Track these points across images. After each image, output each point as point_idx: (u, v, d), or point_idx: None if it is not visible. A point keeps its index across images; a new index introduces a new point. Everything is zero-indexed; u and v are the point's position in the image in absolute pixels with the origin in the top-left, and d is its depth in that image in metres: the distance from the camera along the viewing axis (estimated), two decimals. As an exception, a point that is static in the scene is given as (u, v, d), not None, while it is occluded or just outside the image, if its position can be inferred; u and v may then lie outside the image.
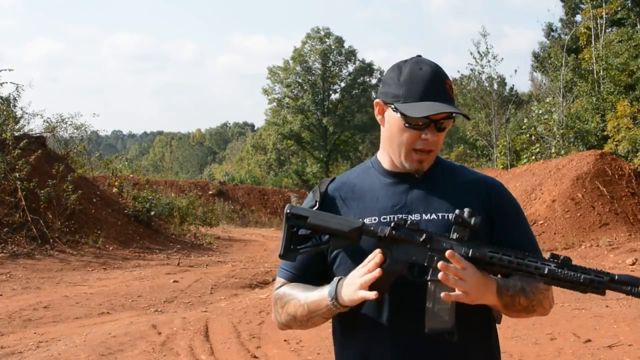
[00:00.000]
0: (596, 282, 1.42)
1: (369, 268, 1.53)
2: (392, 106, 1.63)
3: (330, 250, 1.67)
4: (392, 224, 1.55)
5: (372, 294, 1.50)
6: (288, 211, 1.63)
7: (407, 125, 1.61)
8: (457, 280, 1.47)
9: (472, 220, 1.49)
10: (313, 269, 1.71)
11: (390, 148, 1.68)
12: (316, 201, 1.70)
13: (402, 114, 1.60)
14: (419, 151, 1.63)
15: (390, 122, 1.66)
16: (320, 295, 1.62)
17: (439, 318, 1.49)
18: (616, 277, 1.42)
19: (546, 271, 1.45)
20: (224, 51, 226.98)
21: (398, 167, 1.70)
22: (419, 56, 1.69)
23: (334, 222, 1.59)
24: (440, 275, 1.48)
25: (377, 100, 1.70)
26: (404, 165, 1.67)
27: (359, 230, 1.57)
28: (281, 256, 1.64)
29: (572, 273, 1.43)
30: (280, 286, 1.73)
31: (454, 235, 1.51)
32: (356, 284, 1.54)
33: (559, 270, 1.44)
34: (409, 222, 1.55)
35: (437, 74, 1.63)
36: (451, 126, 1.68)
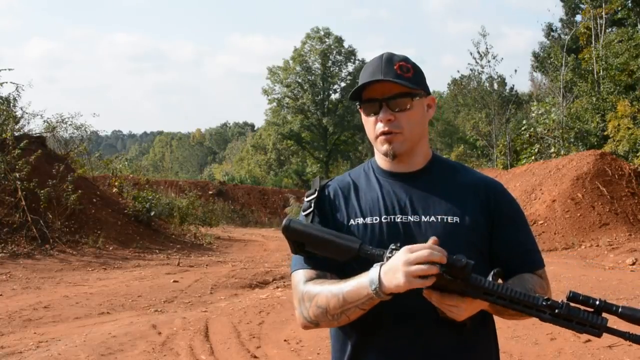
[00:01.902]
0: (590, 332, 1.40)
1: (418, 257, 1.42)
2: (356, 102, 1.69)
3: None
4: (389, 251, 1.50)
5: (425, 282, 1.42)
6: (285, 232, 1.61)
7: (365, 115, 1.67)
8: (444, 305, 1.47)
9: (464, 270, 1.43)
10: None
11: (371, 142, 1.72)
12: (315, 189, 1.72)
13: (357, 104, 1.67)
14: (382, 134, 1.65)
15: (363, 118, 1.71)
16: (358, 283, 1.51)
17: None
18: (620, 310, 1.38)
19: (540, 319, 1.44)
20: (222, 51, 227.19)
21: (392, 165, 1.70)
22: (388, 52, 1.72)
23: (330, 249, 1.57)
24: (425, 291, 1.48)
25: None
26: (386, 156, 1.67)
27: (355, 257, 1.55)
28: (294, 254, 1.66)
29: (566, 324, 1.41)
30: (307, 281, 1.64)
31: (448, 277, 1.45)
32: (401, 271, 1.42)
33: (554, 321, 1.42)
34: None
35: (384, 59, 1.65)
36: (410, 106, 1.63)
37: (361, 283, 1.50)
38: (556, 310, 1.40)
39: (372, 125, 1.66)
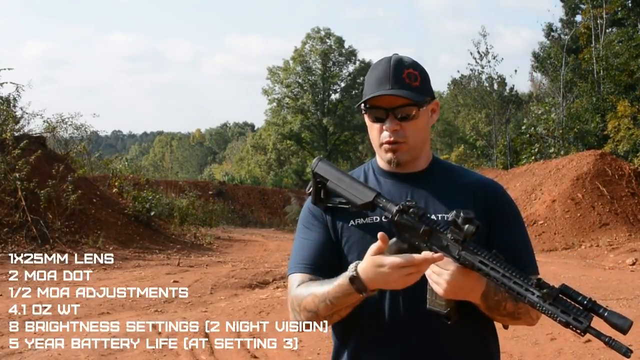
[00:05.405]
0: (573, 326, 1.35)
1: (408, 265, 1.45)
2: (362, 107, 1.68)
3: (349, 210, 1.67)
4: (399, 208, 1.53)
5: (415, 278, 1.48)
6: (313, 168, 1.69)
7: (371, 121, 1.67)
8: (432, 274, 1.49)
9: (465, 228, 1.44)
10: (327, 259, 1.66)
11: (374, 147, 1.72)
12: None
13: (362, 110, 1.67)
14: (387, 143, 1.65)
15: (367, 122, 1.71)
16: (343, 288, 1.53)
17: (437, 299, 1.53)
18: (606, 313, 1.34)
19: (526, 300, 1.40)
20: (220, 51, 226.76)
21: (394, 167, 1.70)
22: (396, 54, 1.70)
23: (349, 191, 1.64)
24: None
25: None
26: (389, 164, 1.68)
27: (370, 204, 1.61)
28: (313, 203, 1.71)
29: (551, 309, 1.36)
30: (298, 285, 1.67)
31: (449, 235, 1.48)
32: (396, 280, 1.46)
33: (539, 303, 1.37)
34: (413, 207, 1.53)
35: (392, 65, 1.63)
36: (415, 115, 1.62)
37: (346, 289, 1.52)
38: (544, 290, 1.37)
39: (377, 133, 1.66)
